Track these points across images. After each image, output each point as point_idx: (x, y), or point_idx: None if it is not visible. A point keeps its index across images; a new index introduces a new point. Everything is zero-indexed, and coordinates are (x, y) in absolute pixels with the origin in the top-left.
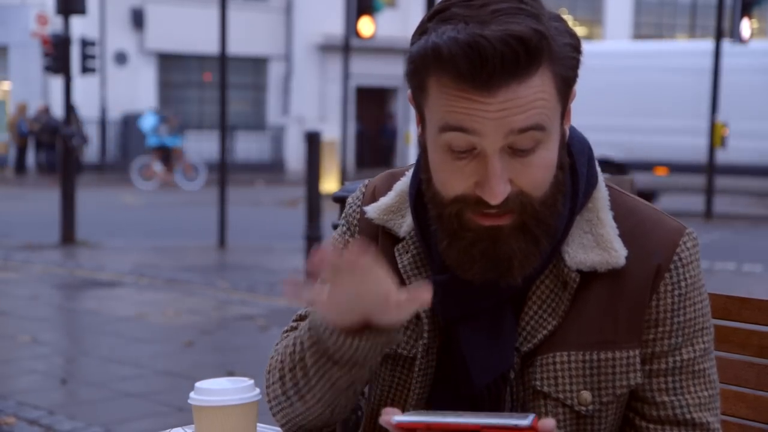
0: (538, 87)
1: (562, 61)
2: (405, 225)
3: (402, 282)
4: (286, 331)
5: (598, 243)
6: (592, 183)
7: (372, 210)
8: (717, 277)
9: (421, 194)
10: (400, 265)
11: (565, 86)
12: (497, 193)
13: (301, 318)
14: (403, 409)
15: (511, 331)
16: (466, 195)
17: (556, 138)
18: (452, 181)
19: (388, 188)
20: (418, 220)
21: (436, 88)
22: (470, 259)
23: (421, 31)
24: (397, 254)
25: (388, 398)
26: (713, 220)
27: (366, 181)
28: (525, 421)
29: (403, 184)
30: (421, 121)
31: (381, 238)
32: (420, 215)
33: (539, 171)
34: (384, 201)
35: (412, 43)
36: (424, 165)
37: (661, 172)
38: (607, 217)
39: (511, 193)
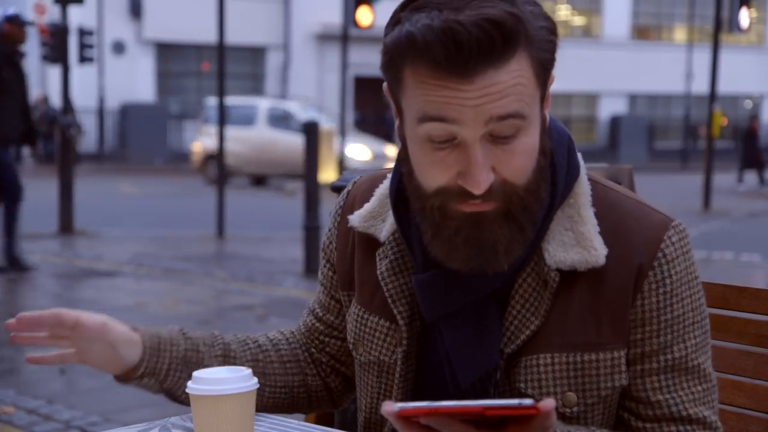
0: (516, 72)
1: (539, 44)
2: (385, 229)
3: (378, 287)
4: None
5: (578, 241)
6: (573, 175)
7: (355, 218)
8: (715, 266)
9: (402, 190)
10: (378, 271)
11: (543, 70)
12: (480, 181)
13: (311, 311)
14: None
15: (496, 329)
16: (448, 186)
17: (537, 124)
18: (434, 173)
19: (370, 192)
20: (399, 218)
21: (412, 79)
22: (454, 248)
23: (395, 21)
24: (378, 259)
25: (377, 406)
26: (711, 210)
27: (356, 177)
28: (527, 401)
29: (384, 187)
30: (399, 113)
31: (363, 242)
32: (401, 213)
33: (521, 158)
34: (366, 207)
35: (386, 34)
36: (404, 158)
37: None
38: (588, 213)
39: (495, 182)
